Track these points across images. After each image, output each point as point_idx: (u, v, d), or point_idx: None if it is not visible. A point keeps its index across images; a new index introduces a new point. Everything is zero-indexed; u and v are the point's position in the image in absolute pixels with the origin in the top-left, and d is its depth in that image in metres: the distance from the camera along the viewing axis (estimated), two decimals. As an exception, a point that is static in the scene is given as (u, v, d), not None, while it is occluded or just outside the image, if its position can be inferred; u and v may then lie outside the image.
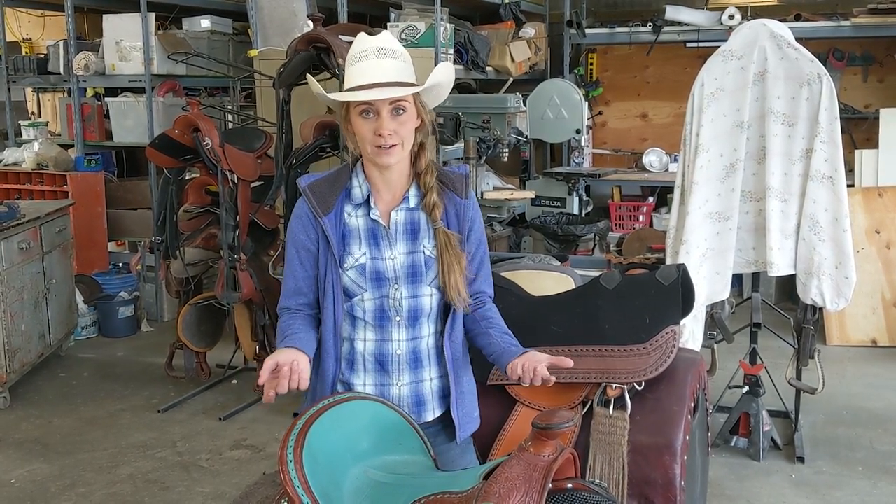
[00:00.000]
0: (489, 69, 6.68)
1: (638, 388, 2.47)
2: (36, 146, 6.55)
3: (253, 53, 5.73)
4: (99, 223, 6.55)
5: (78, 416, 4.78)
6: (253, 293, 4.63)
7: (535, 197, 6.30)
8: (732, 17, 6.75)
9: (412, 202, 2.14)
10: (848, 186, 3.85)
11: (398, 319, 2.12)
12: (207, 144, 4.42)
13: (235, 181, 4.57)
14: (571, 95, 6.50)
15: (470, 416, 2.24)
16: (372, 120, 2.03)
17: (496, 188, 6.30)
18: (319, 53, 4.36)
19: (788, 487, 3.83)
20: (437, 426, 2.20)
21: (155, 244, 5.21)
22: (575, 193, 6.44)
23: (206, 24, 6.65)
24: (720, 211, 3.83)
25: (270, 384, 1.91)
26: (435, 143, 5.08)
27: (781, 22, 4.01)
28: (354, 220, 2.13)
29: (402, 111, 2.03)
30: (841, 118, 3.79)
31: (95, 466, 4.14)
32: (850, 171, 5.50)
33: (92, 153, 6.69)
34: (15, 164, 6.64)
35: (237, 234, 4.61)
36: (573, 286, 2.81)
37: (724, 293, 3.90)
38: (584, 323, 2.57)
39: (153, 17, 6.24)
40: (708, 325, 3.99)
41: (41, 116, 8.31)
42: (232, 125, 5.97)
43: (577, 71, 7.76)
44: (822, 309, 3.95)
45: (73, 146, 6.71)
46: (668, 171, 7.27)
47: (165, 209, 4.73)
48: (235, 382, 5.22)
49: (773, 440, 4.13)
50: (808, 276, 3.81)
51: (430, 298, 2.13)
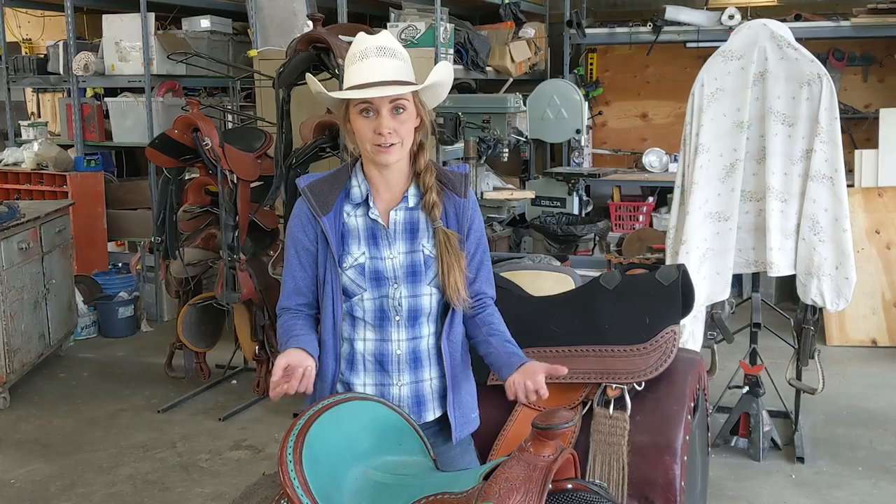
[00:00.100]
0: (489, 69, 6.67)
1: (638, 388, 2.46)
2: (36, 146, 6.55)
3: (253, 53, 5.73)
4: (99, 223, 6.55)
5: (78, 416, 4.78)
6: (252, 293, 4.63)
7: (535, 197, 6.29)
8: (732, 17, 6.74)
9: (411, 202, 2.13)
10: (848, 186, 3.85)
11: (398, 319, 2.12)
12: (207, 144, 4.42)
13: (235, 181, 4.56)
14: (571, 95, 6.49)
15: (468, 416, 2.23)
16: (372, 119, 2.03)
17: (496, 188, 6.29)
18: (319, 53, 4.36)
19: (788, 487, 3.83)
20: (437, 426, 2.20)
21: (154, 244, 5.21)
22: (575, 193, 6.43)
23: (205, 24, 6.65)
24: (720, 211, 3.82)
25: (279, 384, 1.92)
26: (434, 143, 5.08)
27: (781, 22, 4.01)
28: (353, 219, 2.12)
29: (401, 110, 2.03)
30: (841, 118, 3.79)
31: (95, 466, 4.14)
32: (850, 171, 5.50)
33: (92, 153, 6.70)
34: (15, 164, 6.65)
35: (237, 234, 4.60)
36: (573, 286, 2.81)
37: (724, 293, 3.90)
38: (584, 323, 2.57)
39: (153, 17, 6.24)
40: (708, 325, 3.99)
41: (41, 116, 8.30)
42: (232, 125, 5.96)
43: (577, 71, 7.75)
44: (822, 309, 3.95)
45: (72, 146, 6.72)
46: (668, 171, 7.26)
47: (165, 209, 4.72)
48: (235, 383, 5.22)
49: (773, 440, 4.13)
50: (808, 276, 3.81)
51: (429, 298, 2.13)
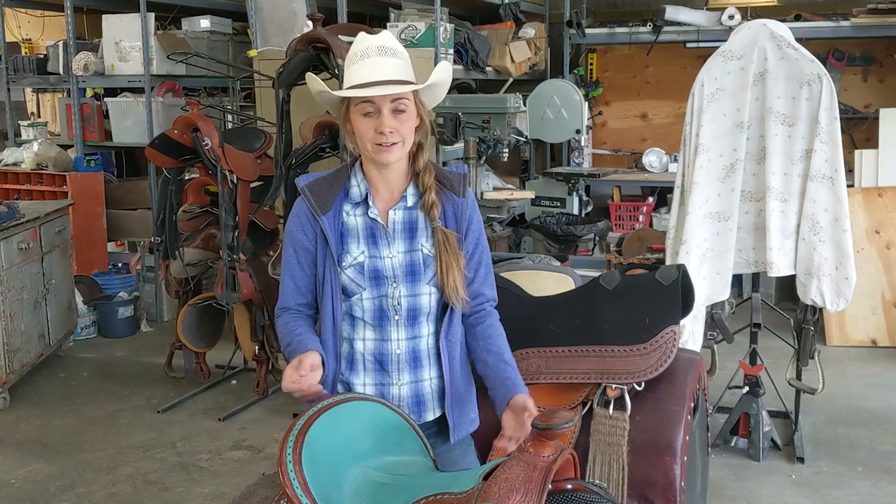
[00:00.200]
0: (489, 69, 6.68)
1: (638, 388, 2.46)
2: (35, 146, 6.55)
3: (252, 53, 5.73)
4: (98, 223, 6.55)
5: (78, 416, 4.77)
6: (252, 293, 4.63)
7: (535, 197, 6.29)
8: (732, 17, 6.74)
9: (410, 201, 2.14)
10: (848, 187, 3.85)
11: (397, 318, 2.12)
12: (207, 144, 4.42)
13: (235, 181, 4.56)
14: (571, 95, 6.49)
15: (467, 417, 2.23)
16: (373, 118, 2.03)
17: (496, 188, 6.29)
18: (319, 53, 4.36)
19: (788, 487, 3.83)
20: (437, 426, 2.20)
21: (154, 244, 5.20)
22: (575, 193, 6.43)
23: (205, 24, 6.65)
24: (720, 211, 3.82)
25: (298, 383, 1.94)
26: (434, 143, 5.07)
27: (781, 22, 4.01)
28: (353, 218, 2.13)
29: (403, 110, 2.03)
30: (841, 118, 3.79)
31: (95, 467, 4.14)
32: (850, 171, 5.50)
33: (91, 153, 6.69)
34: (14, 164, 6.65)
35: (236, 234, 4.60)
36: (573, 286, 2.81)
37: (724, 293, 3.90)
38: (584, 323, 2.57)
39: (153, 17, 6.24)
40: (708, 325, 3.98)
41: (41, 117, 8.30)
42: (231, 125, 5.96)
43: (577, 71, 7.75)
44: (822, 309, 3.95)
45: (72, 146, 6.71)
46: (667, 171, 7.26)
47: (165, 209, 4.72)
48: (235, 383, 5.22)
49: (773, 440, 4.12)
50: (808, 276, 3.80)
51: (428, 297, 2.13)
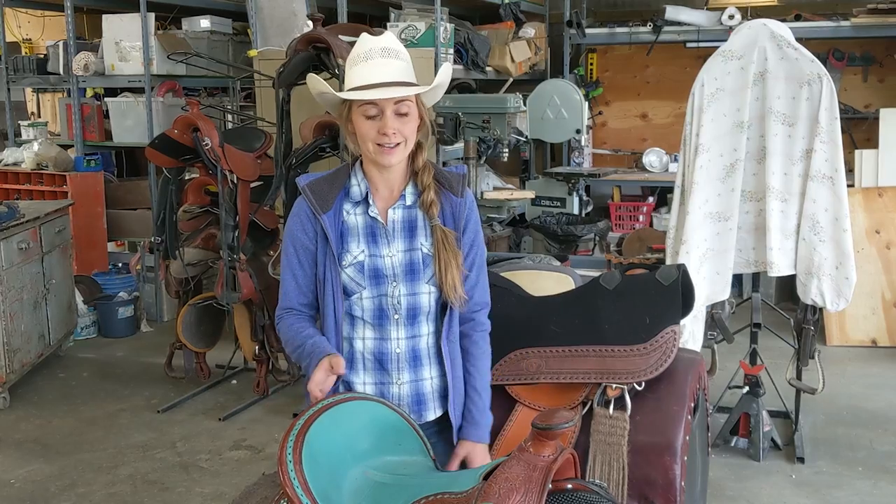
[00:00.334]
0: (489, 69, 6.67)
1: (638, 388, 2.46)
2: (36, 146, 6.55)
3: (253, 53, 5.73)
4: (98, 223, 6.55)
5: (78, 416, 4.77)
6: (253, 293, 4.63)
7: (535, 197, 6.29)
8: (732, 17, 6.74)
9: (409, 200, 2.14)
10: (848, 186, 3.85)
11: (397, 318, 2.12)
12: (207, 144, 4.42)
13: (235, 181, 4.56)
14: (571, 95, 6.48)
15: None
16: (375, 120, 2.03)
17: (496, 188, 6.29)
18: (319, 53, 4.36)
19: (788, 487, 3.83)
20: (437, 426, 2.20)
21: (154, 244, 5.20)
22: (575, 193, 6.42)
23: (205, 24, 6.65)
24: (720, 211, 3.82)
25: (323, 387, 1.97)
26: (434, 143, 5.07)
27: (781, 22, 4.01)
28: (353, 217, 2.13)
29: (405, 112, 2.04)
30: (841, 118, 3.79)
31: (95, 466, 4.14)
32: (850, 171, 5.49)
33: (91, 153, 6.69)
34: (15, 164, 6.65)
35: (237, 234, 4.60)
36: (573, 286, 2.80)
37: (724, 293, 3.90)
38: (584, 323, 2.56)
39: (153, 17, 6.24)
40: (708, 325, 3.98)
41: (41, 116, 8.30)
42: (232, 125, 5.97)
43: (577, 71, 7.75)
44: (822, 309, 3.95)
45: (72, 146, 6.71)
46: (668, 171, 7.26)
47: (165, 209, 4.72)
48: (235, 383, 5.22)
49: (773, 440, 4.12)
50: (808, 276, 3.80)
51: (428, 296, 2.13)
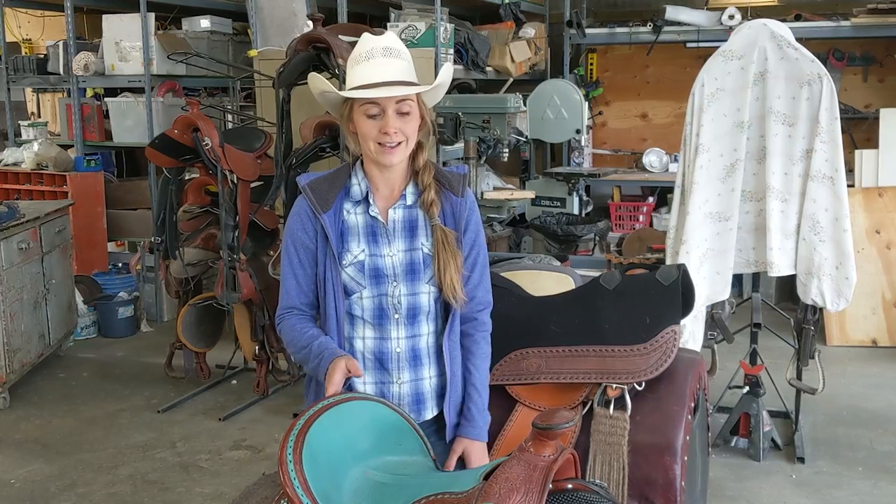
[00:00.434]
0: (489, 69, 6.67)
1: (638, 388, 2.46)
2: (36, 146, 6.55)
3: (253, 53, 5.73)
4: (98, 223, 6.55)
5: (78, 416, 4.77)
6: (253, 293, 4.63)
7: (535, 197, 6.29)
8: (732, 17, 6.74)
9: (409, 199, 2.14)
10: (848, 186, 3.85)
11: (397, 317, 2.13)
12: (207, 144, 4.42)
13: (235, 181, 4.56)
14: (571, 95, 6.48)
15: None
16: (377, 119, 2.03)
17: (496, 188, 6.29)
18: (319, 53, 4.36)
19: (788, 487, 3.83)
20: (436, 425, 2.21)
21: (154, 244, 5.20)
22: (575, 193, 6.43)
23: (205, 24, 6.65)
24: (720, 211, 3.82)
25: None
26: (434, 143, 5.07)
27: (781, 22, 4.01)
28: (353, 217, 2.13)
29: (407, 111, 2.04)
30: (841, 118, 3.79)
31: (95, 466, 4.14)
32: (850, 171, 5.49)
33: (91, 153, 6.69)
34: (15, 164, 6.65)
35: (237, 234, 4.60)
36: (573, 286, 2.80)
37: (724, 293, 3.90)
38: (584, 323, 2.56)
39: (153, 17, 6.24)
40: (708, 325, 3.98)
41: (41, 116, 8.30)
42: (232, 125, 5.96)
43: (577, 71, 7.75)
44: (822, 309, 3.95)
45: (72, 146, 6.71)
46: (668, 171, 7.26)
47: (165, 209, 4.72)
48: (235, 383, 5.22)
49: (773, 440, 4.12)
50: (808, 276, 3.80)
51: (428, 296, 2.13)
